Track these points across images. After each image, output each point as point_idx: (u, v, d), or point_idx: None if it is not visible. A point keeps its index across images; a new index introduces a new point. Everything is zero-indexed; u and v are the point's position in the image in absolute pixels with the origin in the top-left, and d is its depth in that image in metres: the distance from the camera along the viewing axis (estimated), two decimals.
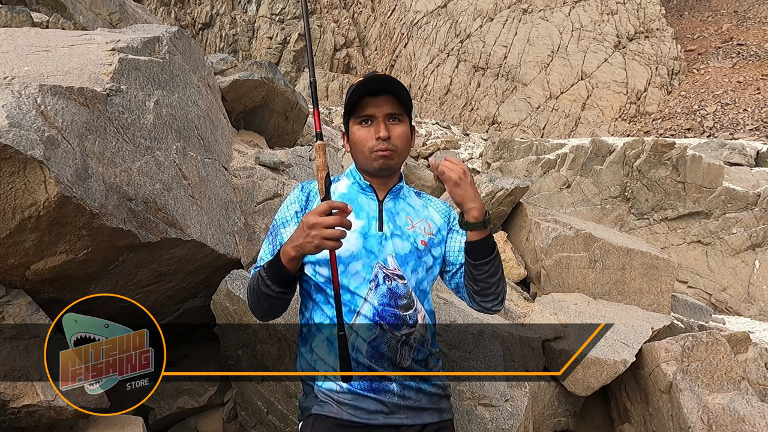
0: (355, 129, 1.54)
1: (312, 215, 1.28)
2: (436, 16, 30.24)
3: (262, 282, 1.41)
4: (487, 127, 25.71)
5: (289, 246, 1.33)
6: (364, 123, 1.52)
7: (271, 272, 1.39)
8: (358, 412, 1.47)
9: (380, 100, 1.50)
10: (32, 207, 1.69)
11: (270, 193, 3.06)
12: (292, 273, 1.37)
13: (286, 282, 1.40)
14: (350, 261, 1.49)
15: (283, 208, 1.62)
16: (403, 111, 1.54)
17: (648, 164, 8.55)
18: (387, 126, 1.50)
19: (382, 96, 1.50)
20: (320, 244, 1.27)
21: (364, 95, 1.50)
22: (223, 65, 4.43)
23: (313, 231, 1.26)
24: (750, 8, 29.73)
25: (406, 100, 1.53)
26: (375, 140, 1.50)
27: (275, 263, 1.38)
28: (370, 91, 1.50)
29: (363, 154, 1.54)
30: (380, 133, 1.49)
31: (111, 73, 2.15)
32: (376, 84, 1.49)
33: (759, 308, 7.37)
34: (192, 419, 2.82)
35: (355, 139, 1.54)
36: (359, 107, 1.52)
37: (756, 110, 21.40)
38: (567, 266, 3.93)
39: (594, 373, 2.96)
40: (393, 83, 1.50)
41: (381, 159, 1.52)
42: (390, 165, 1.54)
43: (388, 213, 1.58)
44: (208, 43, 33.99)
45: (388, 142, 1.50)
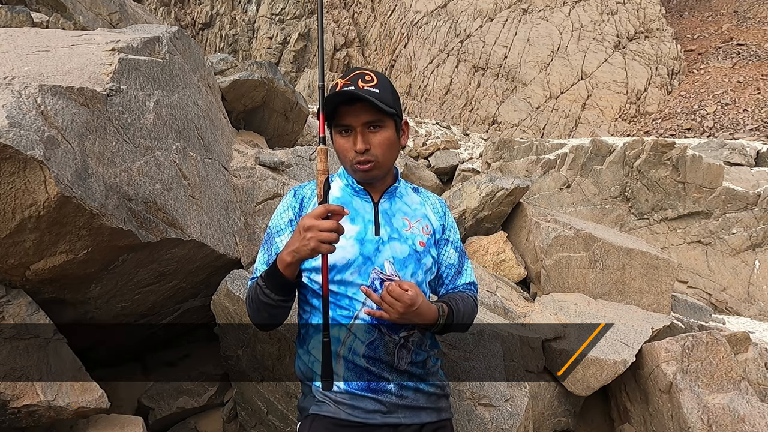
0: (336, 137, 1.50)
1: (308, 218, 1.27)
2: (436, 16, 30.22)
3: (261, 291, 1.40)
4: (487, 127, 25.70)
5: (285, 252, 1.32)
6: (344, 132, 1.47)
7: (270, 281, 1.38)
8: (356, 411, 1.46)
9: (356, 109, 1.43)
10: (32, 207, 1.69)
11: (270, 193, 3.06)
12: (290, 280, 1.36)
13: (285, 290, 1.39)
14: (346, 269, 1.48)
15: (277, 215, 1.60)
16: (383, 115, 1.45)
17: (648, 164, 8.55)
18: (365, 136, 1.45)
19: (358, 104, 1.43)
20: (316, 247, 1.25)
21: (339, 104, 1.44)
22: (223, 65, 4.43)
23: (309, 233, 1.25)
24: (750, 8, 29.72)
25: (387, 103, 1.43)
26: (354, 152, 1.46)
27: (273, 271, 1.37)
28: (345, 100, 1.43)
29: (345, 164, 1.52)
30: (357, 146, 1.44)
31: (111, 73, 2.15)
32: (350, 95, 1.41)
33: (759, 308, 7.37)
34: (192, 419, 2.82)
35: (337, 148, 1.51)
36: (337, 115, 1.46)
37: (756, 110, 21.39)
38: (567, 266, 3.92)
39: (594, 373, 2.96)
40: (365, 93, 1.40)
41: (362, 173, 1.49)
42: (372, 176, 1.51)
43: (384, 215, 1.56)
44: (208, 43, 33.97)
45: (368, 154, 1.46)
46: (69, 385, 1.91)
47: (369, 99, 1.40)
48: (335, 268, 1.47)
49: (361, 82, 1.43)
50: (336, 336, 1.49)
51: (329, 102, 1.42)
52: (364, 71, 1.47)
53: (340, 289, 1.48)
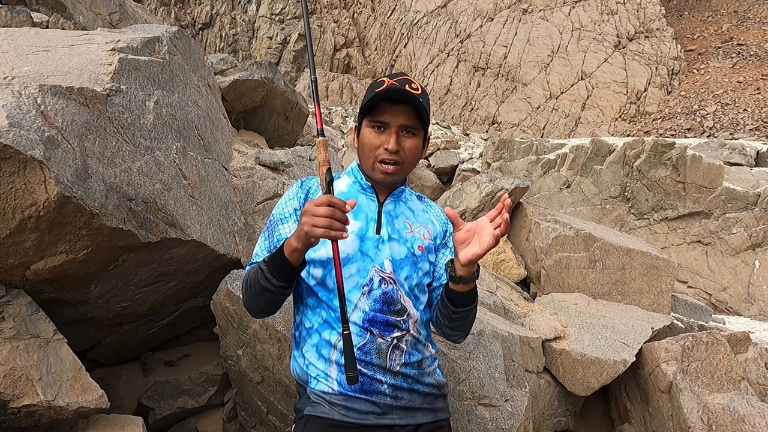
0: (366, 131, 1.51)
1: (310, 204, 1.27)
2: (436, 16, 30.23)
3: (262, 276, 1.39)
4: (487, 127, 25.71)
5: (292, 237, 1.32)
6: (377, 128, 1.48)
7: (273, 265, 1.37)
8: (350, 412, 1.46)
9: (398, 110, 1.46)
10: (32, 207, 1.69)
11: (270, 193, 3.06)
12: (294, 266, 1.36)
13: (287, 276, 1.38)
14: (345, 263, 1.48)
15: (281, 204, 1.60)
16: (420, 125, 1.49)
17: (648, 164, 8.55)
18: (399, 138, 1.47)
19: (401, 105, 1.45)
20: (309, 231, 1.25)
21: (383, 100, 1.46)
22: (223, 65, 4.43)
23: (304, 218, 1.26)
24: (750, 8, 29.73)
25: (425, 115, 1.48)
26: (383, 149, 1.47)
27: (278, 256, 1.36)
28: (391, 98, 1.45)
29: (368, 159, 1.52)
30: (389, 144, 1.46)
31: (111, 73, 2.15)
32: (399, 94, 1.44)
33: (759, 308, 7.37)
34: (192, 419, 2.82)
35: (364, 142, 1.51)
36: (376, 111, 1.48)
37: (756, 110, 21.40)
38: (567, 266, 3.92)
39: (594, 373, 2.96)
40: (415, 97, 1.44)
41: (384, 174, 1.50)
42: (392, 179, 1.53)
43: (387, 216, 1.57)
44: (208, 43, 33.98)
45: (397, 155, 1.48)
46: (69, 385, 1.90)
47: (417, 102, 1.44)
48: (332, 260, 1.46)
49: (408, 87, 1.46)
50: (327, 339, 1.48)
51: (374, 96, 1.45)
52: (409, 78, 1.50)
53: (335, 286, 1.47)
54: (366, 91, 1.55)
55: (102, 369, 2.83)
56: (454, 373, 2.29)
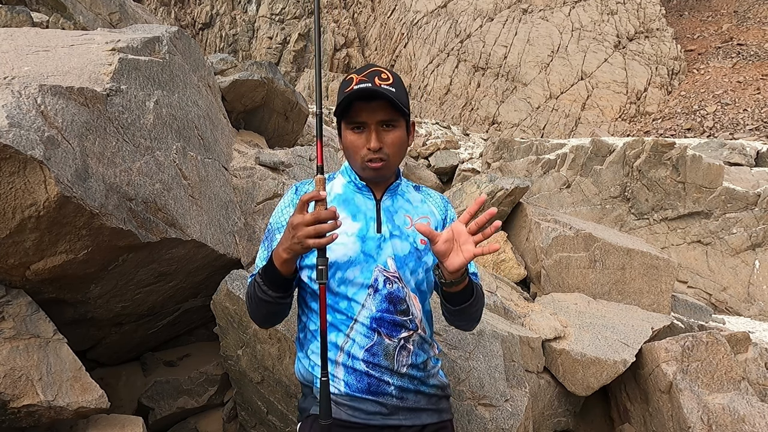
0: (347, 134, 1.48)
1: (296, 216, 1.27)
2: (436, 16, 30.22)
3: (259, 288, 1.40)
4: (487, 127, 25.70)
5: (280, 248, 1.32)
6: (356, 129, 1.45)
7: (266, 277, 1.38)
8: (357, 412, 1.46)
9: (373, 106, 1.41)
10: (32, 207, 1.69)
11: (270, 193, 3.06)
12: (286, 276, 1.36)
13: (282, 286, 1.39)
14: (348, 266, 1.47)
15: (278, 211, 1.59)
16: (398, 115, 1.45)
17: (648, 164, 8.55)
18: (379, 134, 1.44)
19: (375, 102, 1.41)
20: (303, 243, 1.25)
21: (355, 100, 1.41)
22: (223, 65, 4.43)
23: (296, 231, 1.25)
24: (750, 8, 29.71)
25: (403, 103, 1.43)
26: (366, 150, 1.44)
27: (269, 268, 1.37)
28: (362, 97, 1.41)
29: (355, 161, 1.50)
30: (371, 144, 1.43)
31: (111, 73, 2.15)
32: (369, 92, 1.39)
33: (759, 308, 7.36)
34: (192, 419, 2.82)
35: (347, 145, 1.48)
36: (351, 112, 1.44)
37: (756, 110, 21.39)
38: (567, 266, 3.92)
39: (594, 373, 2.96)
40: (384, 91, 1.39)
41: (373, 170, 1.48)
42: (382, 174, 1.51)
43: (386, 212, 1.55)
44: (208, 43, 33.97)
45: (380, 152, 1.45)
46: (69, 385, 1.90)
47: (388, 97, 1.39)
48: (335, 265, 1.46)
49: (377, 80, 1.42)
50: (333, 341, 1.48)
51: (345, 98, 1.41)
52: (379, 69, 1.45)
53: (340, 289, 1.47)
54: (338, 90, 1.50)
55: (102, 369, 2.83)
56: (454, 373, 2.29)
